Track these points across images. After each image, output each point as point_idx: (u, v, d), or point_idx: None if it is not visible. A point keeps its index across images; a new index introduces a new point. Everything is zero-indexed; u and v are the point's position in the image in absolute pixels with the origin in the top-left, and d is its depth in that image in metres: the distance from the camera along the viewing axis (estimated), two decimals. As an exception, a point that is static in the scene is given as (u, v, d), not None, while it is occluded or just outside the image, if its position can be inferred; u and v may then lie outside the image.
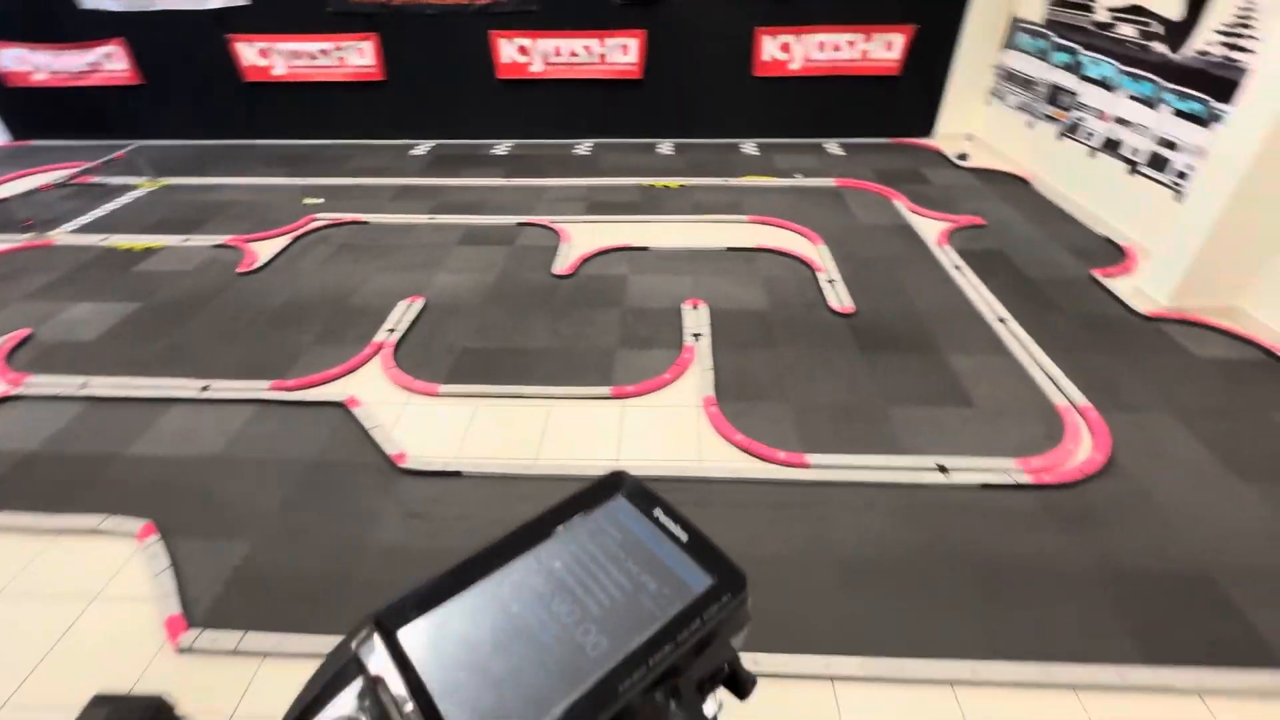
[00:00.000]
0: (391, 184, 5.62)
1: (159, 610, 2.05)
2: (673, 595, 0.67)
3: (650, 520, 0.74)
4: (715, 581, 0.67)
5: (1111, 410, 2.87)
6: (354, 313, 3.71)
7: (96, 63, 6.35)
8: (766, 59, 6.12)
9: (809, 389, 3.04)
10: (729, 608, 0.66)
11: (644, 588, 0.68)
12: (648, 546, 0.72)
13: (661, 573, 0.69)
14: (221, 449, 2.74)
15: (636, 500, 0.76)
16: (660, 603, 0.66)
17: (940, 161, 5.96)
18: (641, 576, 0.69)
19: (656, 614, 0.65)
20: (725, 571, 0.69)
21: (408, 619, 0.62)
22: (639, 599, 0.67)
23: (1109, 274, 3.96)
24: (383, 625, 0.62)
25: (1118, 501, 2.44)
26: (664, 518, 0.74)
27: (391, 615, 0.62)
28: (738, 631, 0.71)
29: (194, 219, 4.98)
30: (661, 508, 0.75)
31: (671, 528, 0.73)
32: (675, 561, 0.70)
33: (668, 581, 0.69)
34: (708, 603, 0.65)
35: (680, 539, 0.72)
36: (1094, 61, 4.69)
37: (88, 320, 3.68)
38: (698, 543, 0.72)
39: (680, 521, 0.74)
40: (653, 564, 0.70)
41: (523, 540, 0.71)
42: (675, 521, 0.74)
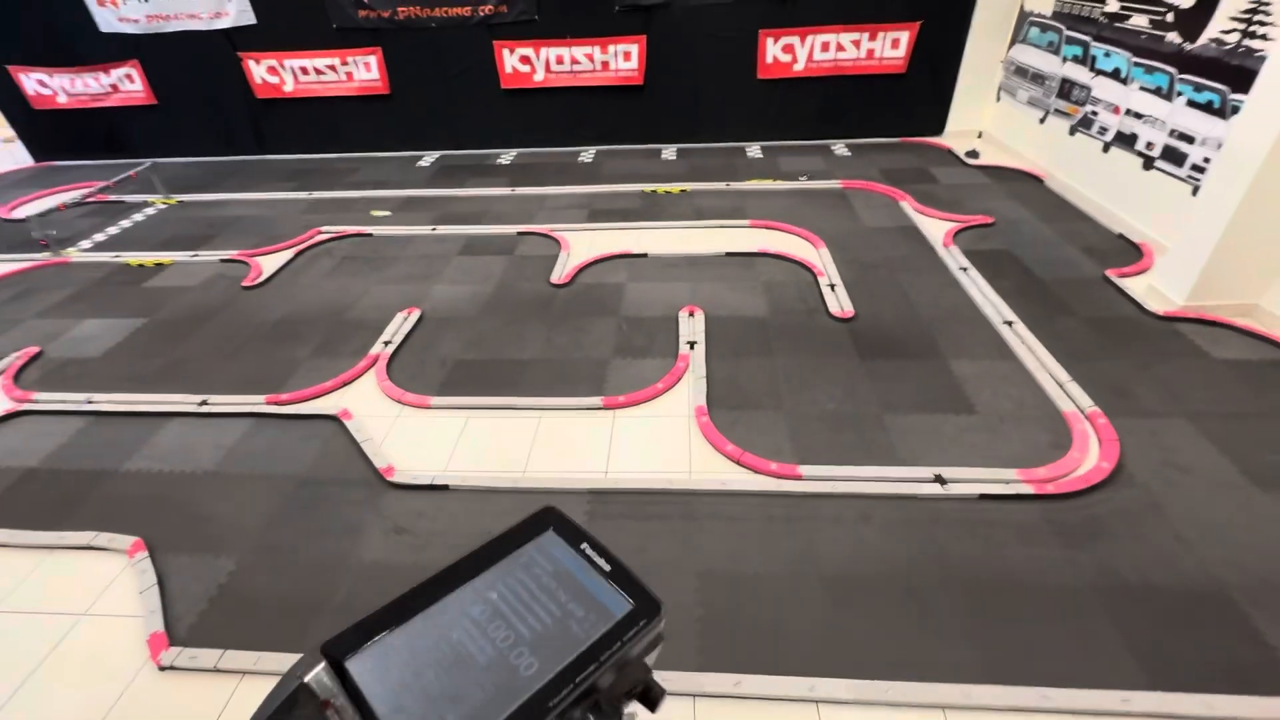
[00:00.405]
0: (396, 195, 5.67)
1: (144, 627, 2.06)
2: (597, 620, 0.75)
3: (578, 553, 0.83)
4: (634, 607, 0.74)
5: (1122, 416, 2.75)
6: (352, 325, 3.73)
7: (114, 84, 6.54)
8: (769, 61, 6.06)
9: (804, 397, 2.97)
10: (646, 631, 0.74)
11: (571, 614, 0.76)
12: (575, 577, 0.81)
13: (587, 600, 0.77)
14: (215, 464, 2.76)
15: (565, 534, 0.86)
16: (585, 627, 0.74)
17: (950, 160, 5.84)
18: (569, 604, 0.77)
19: (582, 637, 0.72)
20: (643, 599, 0.77)
21: (354, 648, 0.69)
22: (567, 624, 0.74)
23: (1124, 273, 3.82)
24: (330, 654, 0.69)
25: (1125, 513, 2.33)
26: (590, 550, 0.84)
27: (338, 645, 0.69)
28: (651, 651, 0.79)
29: (203, 235, 5.07)
30: (588, 541, 0.85)
31: (597, 559, 0.83)
32: (599, 590, 0.79)
33: (592, 608, 0.76)
34: (627, 626, 0.73)
35: (604, 569, 0.82)
36: (1106, 53, 4.55)
37: (96, 336, 3.75)
38: (620, 573, 0.81)
39: (604, 554, 0.83)
40: (579, 592, 0.78)
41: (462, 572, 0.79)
42: (600, 554, 0.83)
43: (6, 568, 2.31)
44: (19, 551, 2.37)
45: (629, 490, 2.52)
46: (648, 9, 5.83)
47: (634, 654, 0.78)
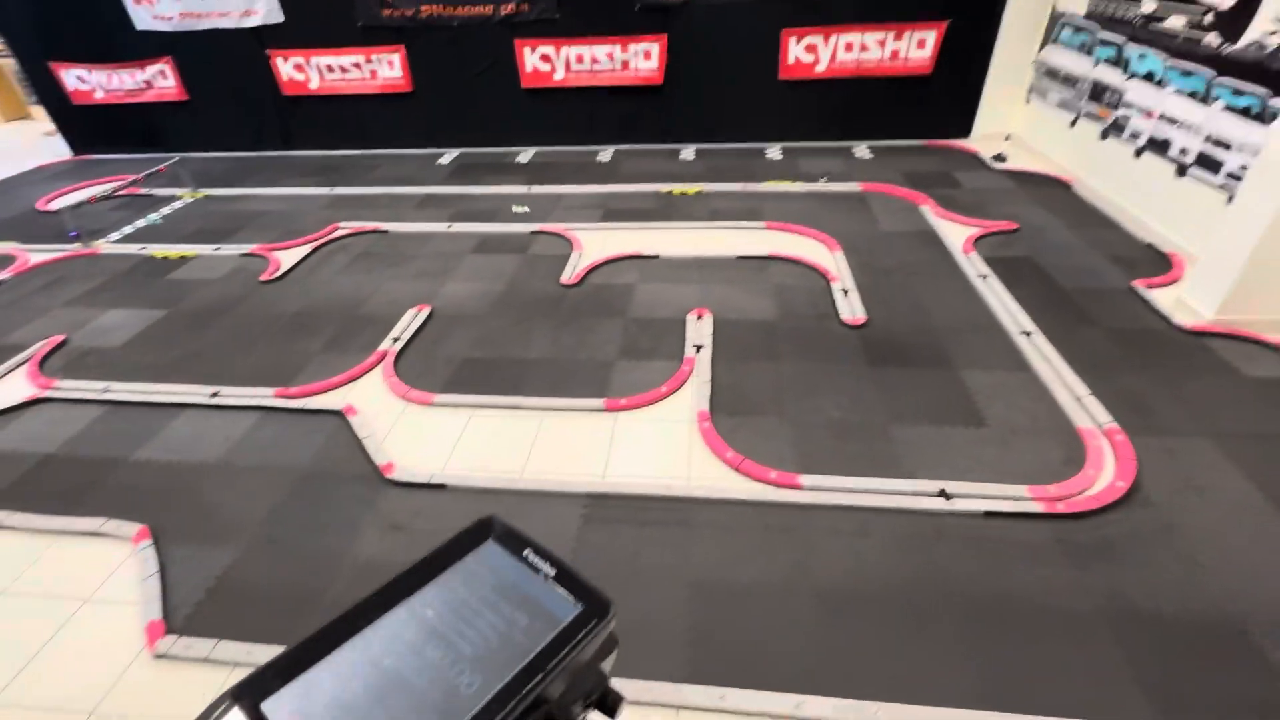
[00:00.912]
0: (415, 193, 5.73)
1: (142, 615, 2.11)
2: (543, 627, 0.71)
3: (520, 560, 0.79)
4: (582, 610, 0.70)
5: (1141, 433, 2.65)
6: (364, 321, 3.77)
7: (149, 80, 6.72)
8: (791, 61, 5.97)
9: (809, 405, 2.92)
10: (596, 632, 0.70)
11: (515, 624, 0.72)
12: (518, 585, 0.76)
13: (532, 608, 0.73)
14: (222, 455, 2.81)
15: (506, 543, 0.81)
16: (531, 636, 0.69)
17: (975, 164, 5.69)
18: (513, 614, 0.72)
19: (528, 646, 0.68)
20: (592, 600, 0.73)
21: (270, 689, 0.64)
22: (511, 635, 0.70)
23: (1151, 284, 3.68)
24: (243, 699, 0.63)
25: (1139, 535, 2.23)
26: (533, 556, 0.79)
27: (252, 687, 0.64)
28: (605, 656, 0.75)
29: (227, 228, 5.18)
30: (531, 548, 0.80)
31: (540, 565, 0.78)
32: (544, 596, 0.74)
33: (538, 615, 0.72)
34: (575, 630, 0.69)
35: (549, 574, 0.77)
36: (1140, 55, 4.38)
37: (118, 326, 3.86)
38: (565, 576, 0.76)
39: (549, 558, 0.78)
40: (523, 601, 0.74)
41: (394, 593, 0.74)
42: (544, 559, 0.78)
43: (18, 551, 2.39)
44: (31, 535, 2.44)
45: (626, 495, 2.50)
46: (668, 9, 5.80)
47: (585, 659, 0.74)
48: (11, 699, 1.91)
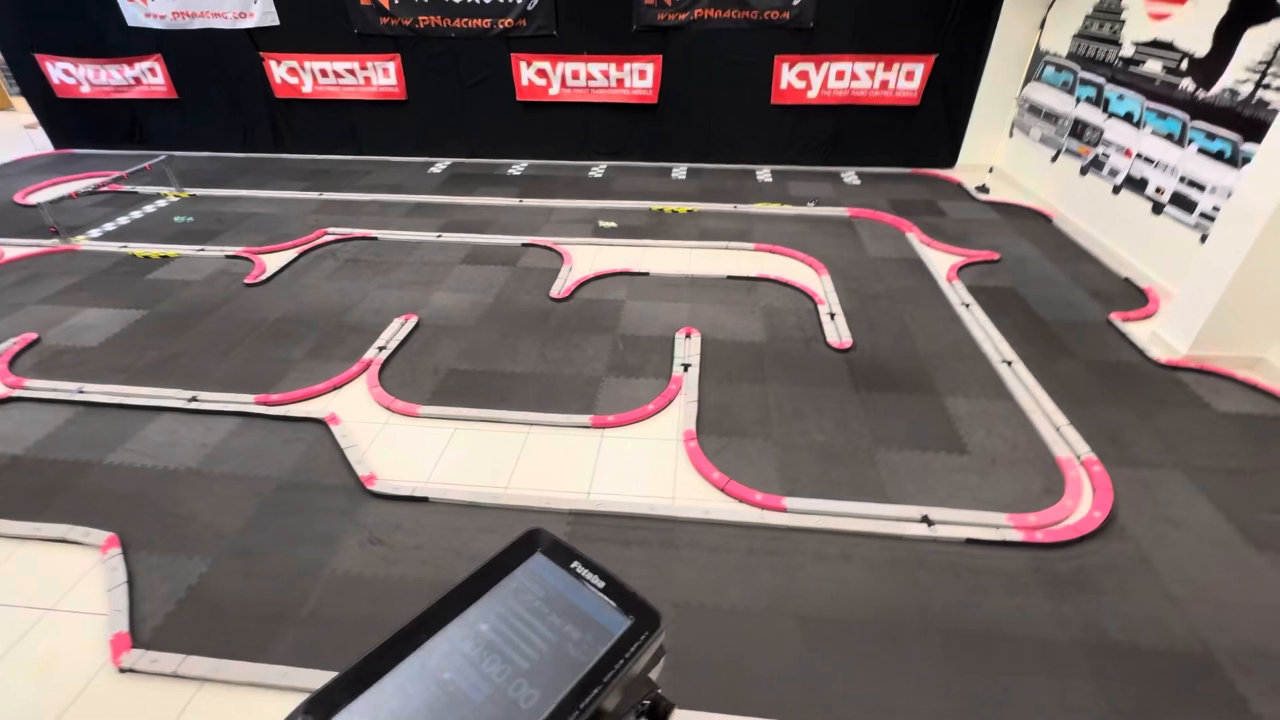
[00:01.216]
0: (406, 200, 5.71)
1: (108, 627, 2.04)
2: (595, 641, 0.72)
3: (568, 572, 0.80)
4: (633, 623, 0.71)
5: (1117, 465, 2.70)
6: (349, 328, 3.73)
7: (137, 76, 6.64)
8: (784, 87, 6.09)
9: (795, 427, 2.94)
10: (648, 644, 0.70)
11: (568, 637, 0.73)
12: (568, 598, 0.78)
13: (583, 621, 0.74)
14: (199, 462, 2.75)
15: (554, 555, 0.83)
16: (584, 649, 0.71)
17: (959, 194, 5.82)
18: (565, 627, 0.74)
19: (582, 660, 0.69)
20: (642, 612, 0.74)
21: (338, 706, 0.66)
22: (564, 648, 0.72)
23: (1128, 318, 3.78)
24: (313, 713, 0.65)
25: (1115, 566, 2.27)
26: (581, 569, 0.81)
27: (320, 704, 0.66)
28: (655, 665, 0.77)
29: (213, 229, 5.11)
30: (579, 560, 0.82)
31: (589, 577, 0.80)
32: (595, 608, 0.76)
33: (589, 628, 0.74)
34: (628, 643, 0.70)
35: (598, 586, 0.79)
36: (1120, 96, 4.54)
37: (95, 325, 3.77)
38: (614, 588, 0.78)
39: (597, 571, 0.80)
40: (574, 614, 0.75)
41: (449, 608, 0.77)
42: (592, 571, 0.80)
43: (-20, 556, 2.30)
44: (-6, 541, 2.36)
45: (610, 513, 2.49)
46: (665, 30, 5.88)
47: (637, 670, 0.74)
48: (-35, 713, 1.84)
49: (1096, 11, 4.83)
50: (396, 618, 0.72)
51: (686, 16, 5.79)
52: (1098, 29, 4.80)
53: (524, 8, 5.88)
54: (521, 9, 5.88)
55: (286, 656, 1.95)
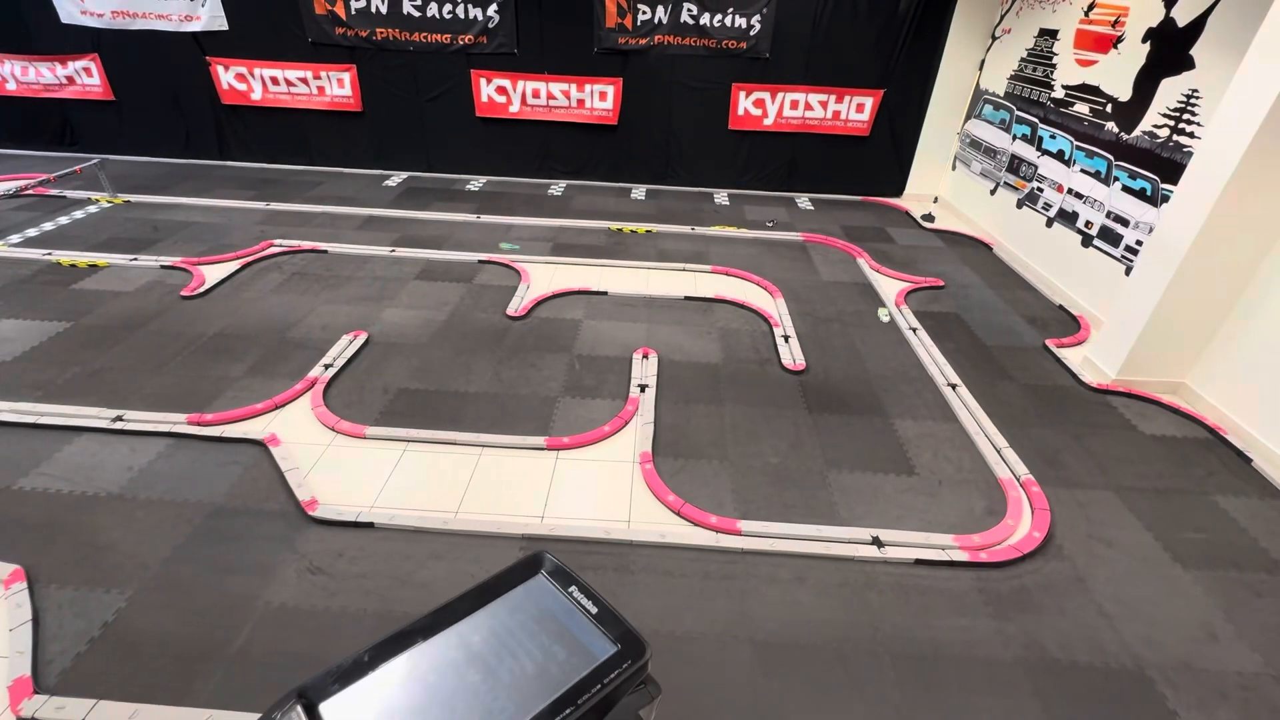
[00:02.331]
0: (358, 213, 5.57)
1: (8, 670, 1.86)
2: (579, 663, 0.75)
3: (566, 596, 0.85)
4: (618, 650, 0.75)
5: (1053, 485, 2.82)
6: (293, 345, 3.58)
7: (70, 76, 6.30)
8: (741, 113, 6.24)
9: (750, 449, 2.96)
10: (630, 672, 0.74)
11: (554, 657, 0.77)
12: (560, 620, 0.82)
13: (571, 643, 0.78)
14: (122, 487, 2.57)
15: (555, 578, 0.89)
16: (567, 670, 0.74)
17: (906, 221, 6.06)
18: (552, 647, 0.78)
19: (562, 680, 0.72)
20: (629, 641, 0.78)
21: (329, 692, 0.70)
22: (548, 667, 0.75)
23: (1061, 344, 3.98)
24: (305, 698, 0.70)
25: (1052, 585, 2.35)
26: (578, 594, 0.86)
27: (314, 689, 0.70)
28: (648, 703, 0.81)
29: (147, 238, 4.86)
30: (578, 585, 0.88)
31: (584, 603, 0.85)
32: (584, 633, 0.80)
33: (575, 651, 0.77)
34: (609, 669, 0.73)
35: (590, 613, 0.83)
36: (1052, 135, 4.82)
37: (10, 338, 3.51)
38: (606, 615, 0.82)
39: (593, 598, 0.84)
40: (563, 636, 0.79)
41: (448, 616, 0.81)
42: (588, 597, 0.85)
43: None
44: (-123, 576, 2.13)
45: (564, 538, 2.44)
46: (625, 54, 5.97)
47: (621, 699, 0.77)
48: None
49: (1030, 55, 5.14)
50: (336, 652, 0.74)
51: (647, 42, 5.89)
52: (1031, 71, 5.11)
53: (485, 25, 5.87)
54: (482, 26, 5.87)
55: (212, 699, 1.81)
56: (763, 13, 5.72)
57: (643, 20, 5.80)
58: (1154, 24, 3.89)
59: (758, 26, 5.79)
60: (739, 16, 5.74)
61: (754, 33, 5.81)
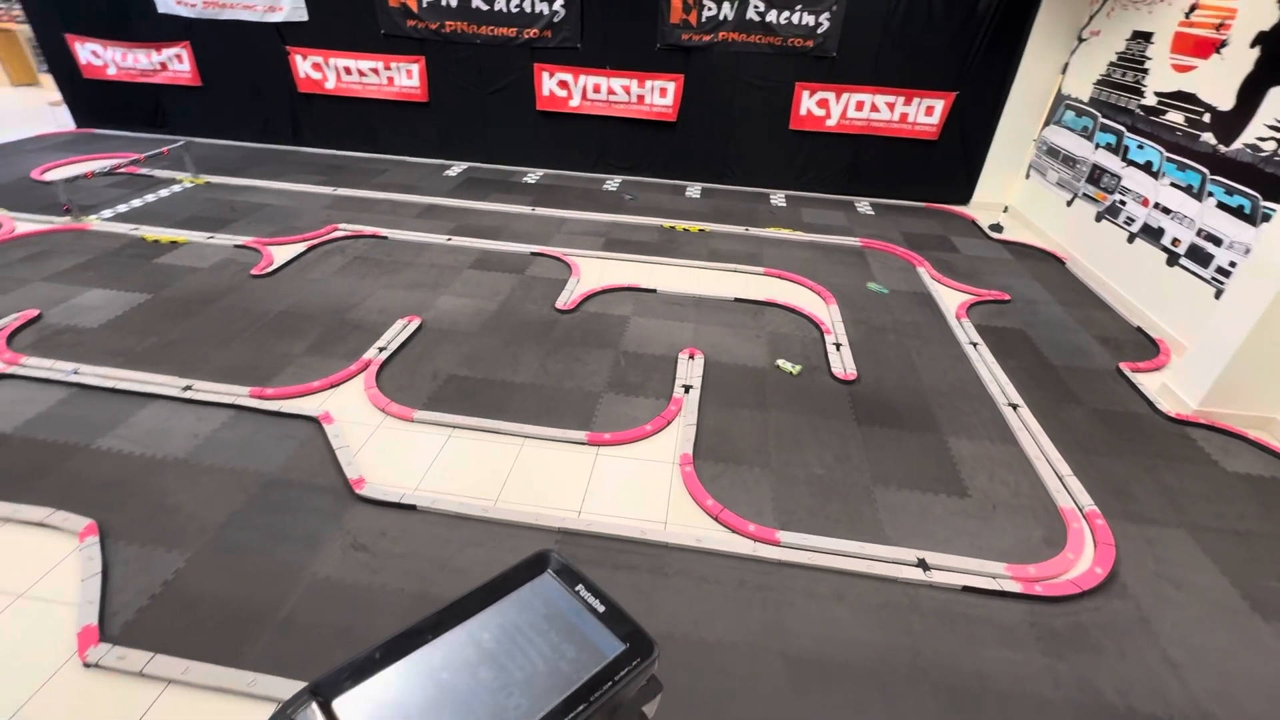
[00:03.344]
0: (419, 201, 5.72)
1: (77, 618, 1.99)
2: (589, 661, 0.76)
3: (573, 594, 0.86)
4: (627, 648, 0.76)
5: (1120, 519, 2.64)
6: (351, 326, 3.71)
7: (164, 62, 6.70)
8: (803, 113, 6.10)
9: (794, 458, 2.88)
10: (638, 670, 0.75)
11: (564, 655, 0.78)
12: (568, 618, 0.83)
13: (580, 641, 0.79)
14: (188, 452, 2.71)
15: (561, 576, 0.89)
16: (577, 667, 0.74)
17: (972, 231, 5.80)
18: (562, 645, 0.79)
19: (573, 677, 0.73)
20: (637, 639, 0.79)
21: (342, 689, 0.72)
22: (558, 665, 0.76)
23: (1138, 368, 3.73)
24: (319, 694, 0.71)
25: (1112, 625, 2.20)
26: (585, 592, 0.87)
27: (327, 685, 0.72)
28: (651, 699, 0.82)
29: (224, 218, 5.12)
30: (584, 584, 0.88)
31: (591, 601, 0.85)
32: (593, 631, 0.81)
33: (585, 649, 0.78)
34: (619, 666, 0.74)
35: (598, 611, 0.84)
36: (1140, 145, 4.52)
37: (97, 307, 3.75)
38: (614, 614, 0.83)
39: (599, 595, 0.85)
40: (572, 633, 0.80)
41: (457, 613, 0.82)
42: (595, 595, 0.86)
43: (-44, 535, 2.26)
44: (-29, 520, 2.32)
45: (600, 535, 2.44)
46: (688, 50, 5.92)
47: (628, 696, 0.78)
48: (-77, 698, 1.79)
49: (1120, 59, 4.83)
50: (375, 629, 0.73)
51: (710, 38, 5.83)
52: (1120, 76, 4.80)
53: (550, 19, 5.92)
54: (548, 20, 5.93)
55: (257, 662, 1.89)
56: (832, 10, 5.57)
57: (707, 16, 5.74)
58: (1266, 27, 3.58)
59: (826, 24, 5.64)
60: (807, 14, 5.61)
61: (822, 31, 5.67)
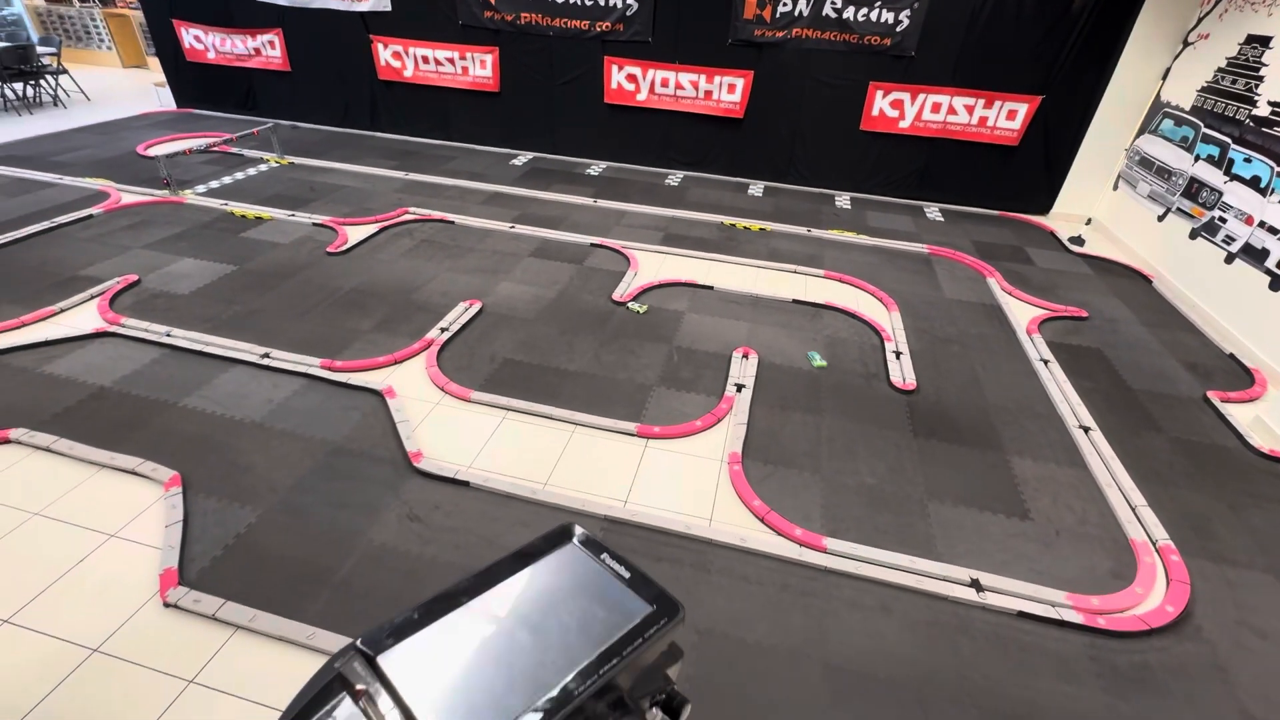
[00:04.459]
0: (485, 189, 5.87)
1: (160, 561, 2.15)
2: (619, 621, 0.80)
3: (599, 562, 0.91)
4: (654, 609, 0.80)
5: (1198, 557, 2.47)
6: (415, 306, 3.84)
7: (258, 48, 7.09)
8: (875, 114, 5.93)
9: (845, 466, 2.82)
10: (665, 630, 0.78)
11: (594, 616, 0.83)
12: (596, 583, 0.88)
13: (608, 604, 0.84)
14: (263, 416, 2.88)
15: (587, 546, 0.95)
16: (608, 627, 0.79)
17: (1051, 242, 5.52)
18: (591, 607, 0.84)
19: (604, 636, 0.77)
20: (663, 601, 0.83)
21: (385, 645, 0.77)
22: (589, 625, 0.80)
23: (1228, 398, 3.47)
24: (364, 650, 0.76)
25: (1183, 668, 2.07)
26: (610, 560, 0.91)
27: (372, 641, 0.77)
28: (673, 663, 0.86)
29: (304, 197, 5.39)
30: (608, 553, 0.93)
31: (616, 568, 0.90)
32: (620, 595, 0.86)
33: (614, 610, 0.82)
34: (648, 625, 0.78)
35: (624, 577, 0.89)
36: (1247, 159, 4.19)
37: (189, 275, 4.03)
38: (639, 579, 0.88)
39: (624, 563, 0.90)
40: (601, 597, 0.85)
41: (490, 577, 0.88)
42: (620, 563, 0.90)
43: (59, 476, 2.48)
44: (72, 464, 2.53)
45: (645, 525, 2.45)
46: (760, 46, 5.84)
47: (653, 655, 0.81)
48: (27, 620, 1.97)
49: (1230, 65, 4.48)
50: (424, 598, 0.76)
51: (784, 34, 5.73)
52: (1230, 84, 4.46)
53: (623, 13, 5.95)
54: (620, 14, 5.96)
55: (316, 618, 2.00)
56: (913, 8, 5.38)
57: (782, 12, 5.64)
58: (1405, 33, 3.25)
59: (905, 23, 5.45)
60: (886, 11, 5.44)
61: (901, 29, 5.49)
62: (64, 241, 4.30)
